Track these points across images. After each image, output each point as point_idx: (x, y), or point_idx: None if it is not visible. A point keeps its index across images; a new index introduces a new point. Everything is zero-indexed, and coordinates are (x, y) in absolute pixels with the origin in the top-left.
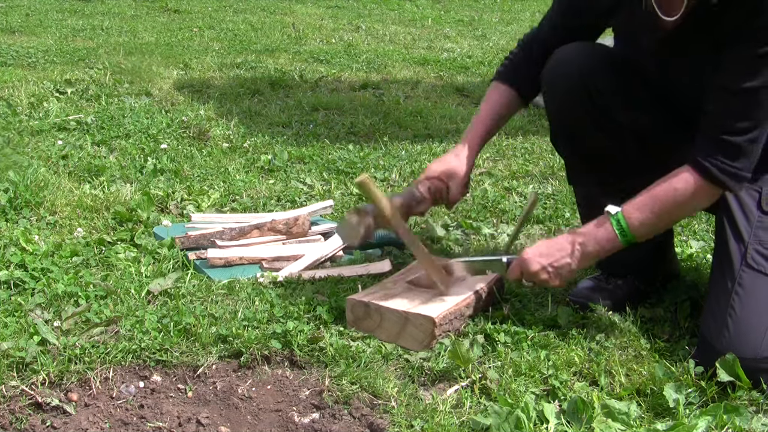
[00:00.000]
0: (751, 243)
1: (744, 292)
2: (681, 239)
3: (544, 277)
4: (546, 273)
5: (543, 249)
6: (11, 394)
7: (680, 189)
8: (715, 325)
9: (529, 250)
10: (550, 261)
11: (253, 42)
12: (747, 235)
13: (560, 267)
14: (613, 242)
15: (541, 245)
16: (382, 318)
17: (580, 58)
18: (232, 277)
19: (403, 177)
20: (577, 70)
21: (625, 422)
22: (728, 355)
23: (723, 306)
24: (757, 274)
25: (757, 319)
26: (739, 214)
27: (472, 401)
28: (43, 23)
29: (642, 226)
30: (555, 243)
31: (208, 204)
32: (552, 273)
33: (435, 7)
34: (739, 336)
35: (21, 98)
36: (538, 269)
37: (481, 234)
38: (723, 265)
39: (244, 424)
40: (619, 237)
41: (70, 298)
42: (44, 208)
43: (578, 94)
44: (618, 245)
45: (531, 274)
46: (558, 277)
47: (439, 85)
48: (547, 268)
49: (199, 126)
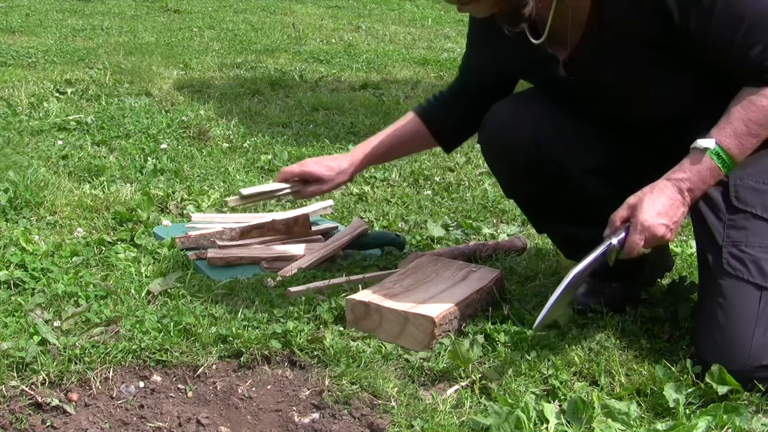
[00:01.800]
0: (725, 246)
1: (726, 302)
2: (681, 239)
3: (668, 237)
4: (669, 232)
5: (659, 208)
6: (11, 394)
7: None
8: (703, 337)
9: (643, 215)
10: (671, 219)
11: (253, 42)
12: (719, 237)
13: (679, 220)
14: (717, 177)
15: (652, 204)
16: (382, 318)
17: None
18: (232, 277)
19: (403, 177)
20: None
21: (625, 422)
22: (714, 367)
23: (708, 317)
24: (735, 281)
25: (742, 329)
26: (709, 215)
27: (472, 401)
28: (43, 23)
29: (742, 152)
30: (665, 197)
31: (208, 204)
32: (674, 229)
33: (435, 7)
34: (725, 348)
35: (21, 98)
36: (664, 232)
37: (481, 234)
38: (703, 274)
39: (244, 424)
40: (722, 169)
41: (70, 298)
42: (44, 208)
43: (527, 168)
44: (723, 176)
45: (657, 238)
46: (675, 229)
47: (439, 85)
48: (669, 226)
49: (199, 126)
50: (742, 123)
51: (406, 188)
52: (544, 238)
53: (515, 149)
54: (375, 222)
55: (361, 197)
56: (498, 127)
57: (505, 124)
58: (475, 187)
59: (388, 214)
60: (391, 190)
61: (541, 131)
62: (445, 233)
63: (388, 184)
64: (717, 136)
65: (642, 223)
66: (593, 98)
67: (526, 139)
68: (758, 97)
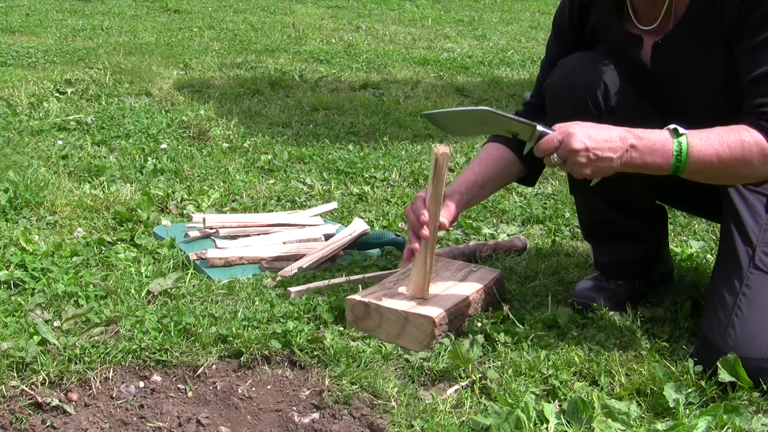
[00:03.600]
0: (760, 245)
1: (751, 293)
2: (681, 239)
3: (581, 160)
4: (585, 157)
5: (593, 132)
6: (11, 394)
7: (747, 143)
8: (719, 325)
9: (576, 125)
10: (596, 147)
11: (253, 42)
12: (755, 237)
13: (602, 159)
14: (663, 162)
15: (590, 127)
16: (382, 318)
17: (588, 73)
18: (232, 277)
19: (403, 177)
20: (587, 86)
21: (625, 422)
22: (730, 355)
23: (729, 307)
24: (764, 275)
25: (763, 320)
26: (747, 217)
27: (472, 401)
28: (43, 23)
29: (698, 162)
30: (607, 132)
31: (208, 204)
32: (591, 160)
33: (435, 7)
34: (745, 336)
35: (21, 98)
36: (580, 148)
37: (481, 234)
38: (729, 266)
39: (244, 424)
40: (673, 161)
41: (70, 298)
42: (44, 208)
43: (587, 114)
44: (665, 169)
45: (570, 150)
46: (593, 167)
47: (439, 85)
48: (589, 152)
49: (199, 126)
50: (720, 142)
51: (406, 188)
52: (544, 238)
53: (581, 89)
54: (375, 222)
55: (361, 197)
56: (567, 71)
57: (576, 68)
58: None
59: (388, 214)
60: (391, 190)
61: (607, 81)
62: (445, 233)
63: (388, 184)
64: (692, 134)
65: (568, 128)
66: (662, 84)
67: (593, 82)
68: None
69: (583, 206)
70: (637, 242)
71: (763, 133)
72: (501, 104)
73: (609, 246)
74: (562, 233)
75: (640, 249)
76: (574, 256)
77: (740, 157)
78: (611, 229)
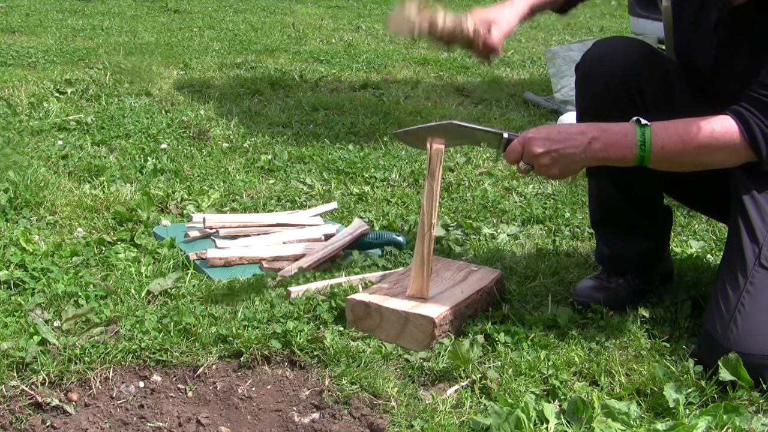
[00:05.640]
0: (766, 244)
1: (755, 290)
2: (681, 239)
3: (545, 162)
4: (549, 158)
5: (552, 133)
6: (11, 394)
7: (717, 132)
8: (722, 322)
9: (534, 130)
10: (556, 147)
11: (253, 42)
12: (762, 236)
13: (565, 156)
14: (627, 152)
15: (550, 128)
16: (382, 318)
17: (622, 53)
18: (232, 277)
19: (403, 177)
20: (620, 65)
21: (625, 422)
22: (731, 355)
23: (732, 303)
24: None
25: (766, 317)
26: (755, 216)
27: (472, 401)
28: (43, 23)
29: (663, 151)
30: (566, 129)
31: (208, 204)
32: (554, 160)
33: (435, 8)
34: (746, 332)
35: (21, 98)
36: (541, 152)
37: (481, 234)
38: (735, 264)
39: (244, 424)
40: (637, 150)
41: (70, 298)
42: (44, 208)
43: (617, 91)
44: (630, 159)
45: (532, 155)
46: (559, 166)
47: (439, 85)
48: (551, 152)
49: (199, 126)
50: (686, 130)
51: (406, 188)
52: (543, 238)
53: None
54: (375, 222)
55: (361, 197)
56: (600, 50)
57: (607, 49)
58: (475, 187)
59: (388, 214)
60: (391, 190)
61: (639, 62)
62: (445, 233)
63: (388, 184)
64: (657, 123)
65: (527, 134)
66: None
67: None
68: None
69: (594, 190)
70: (642, 236)
71: (738, 120)
72: (501, 104)
73: (614, 237)
74: (562, 233)
75: (643, 244)
76: (574, 256)
77: (707, 145)
78: (619, 218)
